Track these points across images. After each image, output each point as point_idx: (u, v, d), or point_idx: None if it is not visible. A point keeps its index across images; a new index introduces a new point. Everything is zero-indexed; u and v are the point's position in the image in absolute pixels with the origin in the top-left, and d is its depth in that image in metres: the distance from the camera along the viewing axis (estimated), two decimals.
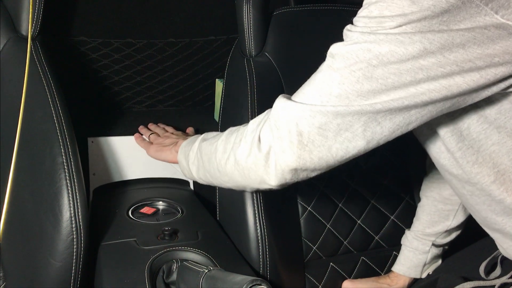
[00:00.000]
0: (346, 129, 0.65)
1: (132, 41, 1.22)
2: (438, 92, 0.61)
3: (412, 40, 0.59)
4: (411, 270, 1.02)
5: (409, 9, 0.58)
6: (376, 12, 0.61)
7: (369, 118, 0.64)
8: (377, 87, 0.62)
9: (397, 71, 0.61)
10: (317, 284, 1.01)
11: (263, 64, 1.04)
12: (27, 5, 0.91)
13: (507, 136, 0.68)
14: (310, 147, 0.67)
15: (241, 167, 0.75)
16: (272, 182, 0.73)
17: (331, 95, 0.64)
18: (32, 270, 0.82)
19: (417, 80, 0.61)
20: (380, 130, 0.65)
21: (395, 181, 1.11)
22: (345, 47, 0.64)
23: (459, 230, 1.02)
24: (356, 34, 0.63)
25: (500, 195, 0.70)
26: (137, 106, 1.28)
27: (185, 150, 0.93)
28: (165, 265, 0.81)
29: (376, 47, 0.61)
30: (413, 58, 0.60)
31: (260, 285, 0.68)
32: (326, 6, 1.09)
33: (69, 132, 0.87)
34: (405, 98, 0.62)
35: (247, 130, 0.76)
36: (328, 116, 0.65)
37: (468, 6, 0.58)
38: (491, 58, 0.59)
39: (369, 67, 0.61)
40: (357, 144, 0.66)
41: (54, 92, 0.89)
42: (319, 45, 1.07)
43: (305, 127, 0.66)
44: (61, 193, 0.83)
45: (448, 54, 0.59)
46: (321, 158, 0.68)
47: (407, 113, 0.64)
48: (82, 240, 0.82)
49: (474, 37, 0.59)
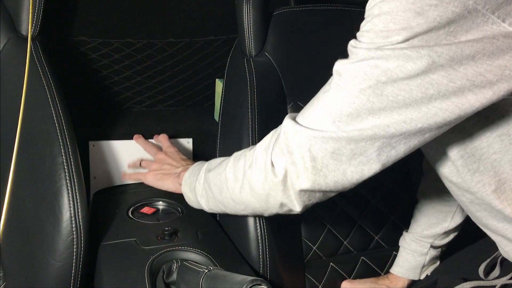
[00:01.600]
0: (360, 153, 0.65)
1: (132, 41, 1.22)
2: (451, 112, 0.60)
3: (420, 54, 0.58)
4: (409, 272, 1.02)
5: (415, 21, 0.57)
6: (380, 25, 0.59)
7: (383, 143, 0.63)
8: (388, 105, 0.61)
9: (407, 87, 0.59)
10: (317, 284, 1.01)
11: (263, 64, 1.04)
12: (27, 5, 0.91)
13: (509, 144, 0.67)
14: (324, 172, 0.67)
15: (259, 194, 0.74)
16: (297, 208, 0.73)
17: (342, 114, 0.63)
18: (32, 270, 0.82)
19: (428, 96, 0.59)
20: (395, 154, 0.65)
21: (395, 181, 1.11)
22: (352, 65, 0.62)
23: (457, 231, 1.02)
24: (362, 50, 0.61)
25: (500, 204, 0.70)
26: (137, 106, 1.28)
27: (190, 182, 0.91)
28: (165, 265, 0.81)
29: (384, 63, 0.59)
30: (422, 73, 0.58)
31: (260, 285, 0.68)
32: (326, 6, 1.09)
33: (69, 132, 0.87)
34: (418, 120, 0.61)
35: (255, 154, 0.75)
36: (341, 142, 0.64)
37: (474, 15, 0.56)
38: (501, 70, 0.58)
39: (378, 84, 0.60)
40: (372, 167, 0.66)
41: (54, 92, 0.89)
42: (319, 45, 1.08)
43: (318, 153, 0.66)
44: (61, 193, 0.83)
45: (458, 67, 0.58)
46: (336, 182, 0.68)
47: (421, 136, 0.63)
48: (82, 240, 0.82)
49: (483, 47, 0.57)
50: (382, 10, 0.59)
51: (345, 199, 1.06)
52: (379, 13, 0.59)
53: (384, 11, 0.59)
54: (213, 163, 0.87)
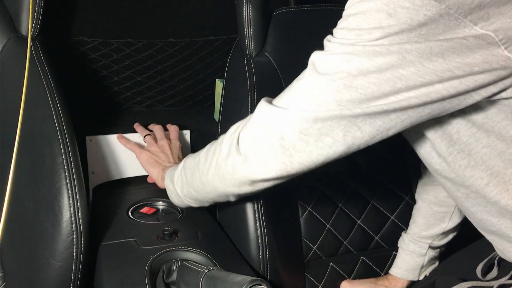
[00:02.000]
0: (327, 133, 0.65)
1: (132, 41, 1.22)
2: (418, 98, 0.61)
3: (389, 51, 0.59)
4: (408, 273, 1.02)
5: (386, 22, 0.58)
6: (354, 24, 0.61)
7: (348, 121, 0.64)
8: (356, 97, 0.62)
9: (377, 80, 0.61)
10: (317, 284, 1.01)
11: (263, 64, 1.04)
12: (27, 5, 0.91)
13: (496, 139, 0.67)
14: (291, 152, 0.68)
15: (222, 172, 0.76)
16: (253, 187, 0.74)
17: (311, 103, 0.65)
18: (32, 270, 0.82)
19: (396, 89, 0.61)
20: (360, 135, 0.65)
21: (395, 181, 1.11)
22: (325, 56, 0.64)
23: (455, 231, 1.02)
24: (335, 45, 0.63)
25: (495, 196, 0.70)
26: (137, 106, 1.28)
27: (171, 174, 0.92)
28: (165, 265, 0.81)
29: (355, 58, 0.61)
30: (392, 67, 0.60)
31: (260, 285, 0.68)
32: (326, 6, 1.09)
33: (69, 132, 0.87)
34: (385, 104, 0.62)
35: (226, 134, 0.77)
36: (309, 121, 0.65)
37: (446, 19, 0.57)
38: (470, 67, 0.59)
39: (349, 77, 0.62)
40: (338, 149, 0.67)
41: (54, 92, 0.89)
42: (319, 45, 1.08)
43: (287, 132, 0.67)
44: (61, 193, 0.83)
45: (427, 64, 0.59)
46: (301, 163, 0.69)
47: (386, 117, 0.64)
48: (82, 240, 0.82)
49: (452, 47, 0.58)
50: (357, 9, 0.61)
51: (345, 199, 1.06)
52: (355, 12, 0.62)
53: (359, 10, 0.61)
54: (195, 153, 0.89)
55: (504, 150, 0.68)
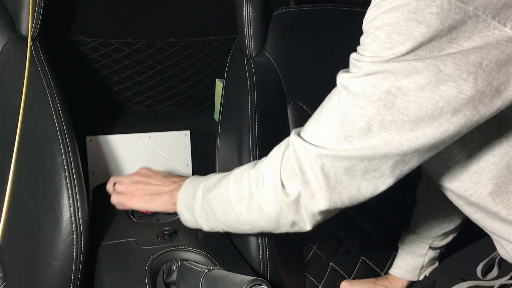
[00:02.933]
0: (374, 170, 0.64)
1: (132, 41, 1.22)
2: (463, 126, 0.60)
3: (425, 64, 0.57)
4: (408, 273, 1.02)
5: (418, 30, 0.56)
6: (383, 37, 0.58)
7: (396, 160, 0.63)
8: (398, 118, 0.60)
9: (418, 99, 0.58)
10: (317, 284, 1.01)
11: (263, 64, 1.04)
12: (27, 5, 0.91)
13: (509, 147, 0.67)
14: (339, 189, 0.66)
15: (268, 215, 0.73)
16: (307, 227, 0.72)
17: (354, 128, 0.62)
18: (32, 270, 0.82)
19: (438, 108, 0.58)
20: (408, 168, 0.65)
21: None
22: (358, 79, 0.61)
23: (456, 232, 1.02)
24: (366, 64, 0.60)
25: (496, 207, 0.70)
26: (137, 106, 1.28)
27: (186, 202, 0.86)
28: (165, 265, 0.81)
29: (391, 76, 0.58)
30: (431, 83, 0.57)
31: (260, 285, 0.68)
32: (326, 6, 1.09)
33: (69, 132, 0.87)
34: (431, 136, 0.60)
35: (261, 174, 0.73)
36: (354, 160, 0.63)
37: (474, 20, 0.56)
38: (507, 77, 0.58)
39: (388, 96, 0.59)
40: (386, 181, 0.66)
41: (54, 92, 0.89)
42: (319, 45, 1.08)
43: (331, 170, 0.65)
44: (61, 193, 0.83)
45: (467, 76, 0.57)
46: (351, 198, 0.68)
47: (435, 150, 0.63)
48: (82, 240, 0.82)
49: (488, 53, 0.57)
50: (384, 21, 0.58)
51: None
52: (381, 24, 0.59)
53: (386, 22, 0.58)
54: (211, 182, 0.83)
55: None
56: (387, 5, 0.58)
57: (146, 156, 1.13)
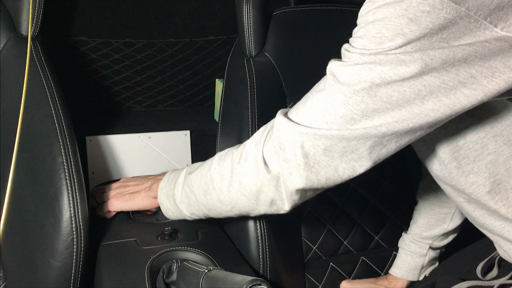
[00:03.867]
0: (352, 151, 0.65)
1: (132, 41, 1.22)
2: (443, 113, 0.61)
3: (413, 58, 0.58)
4: (408, 273, 1.02)
5: (408, 28, 0.58)
6: (374, 31, 0.60)
7: (374, 142, 0.64)
8: (381, 106, 0.61)
9: (400, 88, 0.60)
10: (317, 284, 1.01)
11: (263, 64, 1.04)
12: (27, 5, 0.91)
13: (504, 144, 0.67)
14: (316, 168, 0.68)
15: (249, 191, 0.74)
16: (286, 207, 0.73)
17: (336, 115, 0.64)
18: (32, 270, 0.82)
19: (420, 97, 0.60)
20: (386, 151, 0.66)
21: (395, 181, 1.11)
22: (346, 67, 0.63)
23: (456, 232, 1.02)
24: (355, 55, 0.62)
25: (495, 205, 0.70)
26: (137, 106, 1.28)
27: (167, 191, 0.88)
28: (165, 265, 0.81)
29: (378, 67, 0.60)
30: (415, 75, 0.59)
31: (260, 285, 0.68)
32: (326, 6, 1.09)
33: (69, 132, 0.87)
34: (410, 120, 0.61)
35: (245, 151, 0.75)
36: (333, 140, 0.65)
37: (466, 21, 0.57)
38: (492, 71, 0.59)
39: (372, 86, 0.61)
40: (363, 164, 0.67)
41: (54, 92, 0.89)
42: (319, 45, 1.08)
43: (311, 149, 0.66)
44: (61, 193, 0.83)
45: (450, 68, 0.58)
46: (328, 179, 0.69)
47: (412, 134, 0.64)
48: (82, 240, 0.82)
49: (475, 50, 0.58)
50: (376, 16, 0.60)
51: (345, 199, 1.06)
52: (373, 19, 0.60)
53: (378, 17, 0.60)
54: (194, 166, 0.85)
55: (510, 157, 0.68)
56: (380, 1, 0.59)
57: (146, 156, 1.13)
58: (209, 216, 0.85)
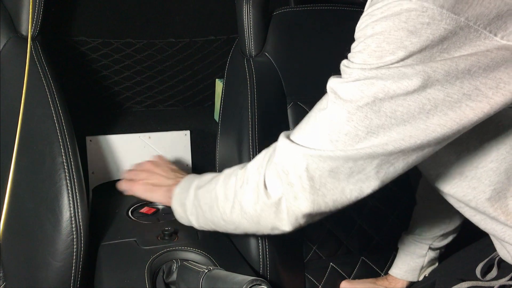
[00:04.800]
0: (359, 171, 0.64)
1: (132, 41, 1.22)
2: (450, 128, 0.59)
3: (415, 71, 0.57)
4: (408, 274, 1.02)
5: (408, 40, 0.57)
6: (373, 45, 0.59)
7: (381, 160, 0.63)
8: (386, 122, 0.60)
9: (405, 102, 0.59)
10: (317, 284, 1.01)
11: (263, 64, 1.04)
12: (27, 5, 0.91)
13: (506, 153, 0.67)
14: (323, 191, 0.66)
15: (249, 215, 0.73)
16: (286, 228, 0.71)
17: (340, 133, 0.62)
18: (32, 270, 0.82)
19: (425, 111, 0.59)
20: (393, 170, 0.64)
21: (395, 181, 1.11)
22: (347, 84, 0.61)
23: (456, 233, 1.02)
24: (356, 70, 0.60)
25: (494, 212, 0.70)
26: (137, 106, 1.28)
27: (180, 198, 0.88)
28: (165, 265, 0.81)
29: (379, 82, 0.59)
30: (419, 88, 0.58)
31: (260, 285, 0.68)
32: (326, 6, 1.09)
33: (69, 132, 0.87)
34: (417, 136, 0.60)
35: (247, 174, 0.73)
36: (339, 161, 0.63)
37: (466, 31, 0.56)
38: (496, 83, 0.58)
39: (376, 101, 0.59)
40: (371, 184, 0.65)
41: (54, 92, 0.89)
42: (319, 45, 1.08)
43: (316, 172, 0.64)
44: (61, 193, 0.83)
45: (454, 81, 0.57)
46: (335, 201, 0.67)
47: (420, 152, 0.62)
48: (82, 240, 0.82)
49: (478, 60, 0.57)
50: (375, 30, 0.59)
51: None
52: (372, 33, 0.59)
53: (377, 31, 0.59)
54: (204, 180, 0.84)
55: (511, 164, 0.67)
56: (378, 14, 0.58)
57: (146, 156, 1.13)
58: (217, 230, 0.84)
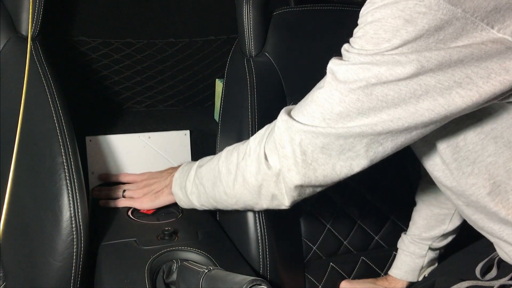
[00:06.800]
0: (349, 149, 0.67)
1: (132, 41, 1.22)
2: (438, 113, 0.61)
3: (409, 59, 0.59)
4: (408, 274, 1.02)
5: (404, 29, 0.58)
6: (371, 32, 0.61)
7: (371, 140, 0.65)
8: (377, 104, 0.62)
9: (396, 87, 0.61)
10: (317, 284, 1.01)
11: (263, 64, 1.04)
12: (27, 5, 0.91)
13: (504, 146, 0.67)
14: (314, 166, 0.69)
15: (251, 186, 0.77)
16: (286, 202, 0.75)
17: (332, 112, 0.65)
18: (32, 270, 0.82)
19: (416, 96, 0.61)
20: (382, 150, 0.67)
21: (395, 181, 1.11)
22: (344, 66, 0.64)
23: (456, 233, 1.02)
24: (353, 55, 0.63)
25: (495, 206, 0.70)
26: (137, 106, 1.28)
27: (180, 182, 0.92)
28: (165, 265, 0.81)
29: (374, 68, 0.61)
30: (411, 76, 0.59)
31: (260, 285, 0.68)
32: (326, 6, 1.09)
33: (69, 132, 0.87)
34: (405, 119, 0.62)
35: (249, 147, 0.78)
36: (331, 137, 0.66)
37: (463, 22, 0.57)
38: (488, 72, 0.59)
39: (368, 85, 0.62)
40: (360, 162, 0.68)
41: (54, 92, 0.89)
42: (319, 45, 1.08)
43: (308, 147, 0.68)
44: (61, 193, 0.83)
45: (446, 69, 0.59)
46: (325, 176, 0.70)
47: (408, 134, 0.64)
48: (82, 240, 0.82)
49: (471, 52, 0.58)
50: (374, 17, 0.61)
51: (345, 199, 1.06)
52: (371, 20, 0.61)
53: (376, 18, 0.60)
54: (205, 160, 0.89)
55: (510, 158, 0.68)
56: (379, 2, 0.60)
57: (146, 156, 1.13)
58: (217, 207, 0.89)
